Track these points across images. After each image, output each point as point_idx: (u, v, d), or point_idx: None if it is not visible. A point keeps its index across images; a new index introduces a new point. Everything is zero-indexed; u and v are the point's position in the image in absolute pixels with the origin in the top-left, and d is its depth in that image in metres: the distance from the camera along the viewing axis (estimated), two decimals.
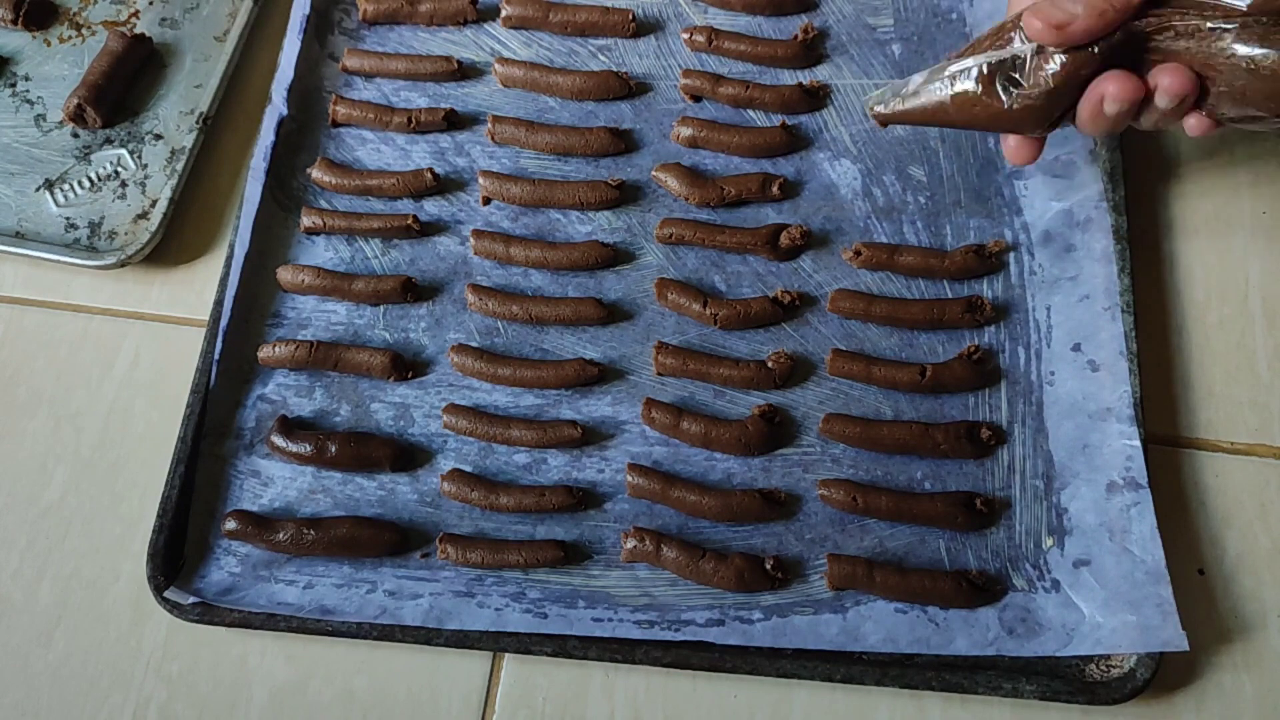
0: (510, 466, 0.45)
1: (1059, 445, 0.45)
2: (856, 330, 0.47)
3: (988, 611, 0.42)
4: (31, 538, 0.46)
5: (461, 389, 0.47)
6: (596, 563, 0.43)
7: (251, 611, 0.42)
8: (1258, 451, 0.46)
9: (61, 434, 0.48)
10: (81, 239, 0.51)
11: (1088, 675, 0.41)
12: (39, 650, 0.44)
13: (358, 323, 0.49)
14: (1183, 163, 0.51)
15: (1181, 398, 0.47)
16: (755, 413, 0.45)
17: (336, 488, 0.45)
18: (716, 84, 0.52)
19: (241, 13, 0.56)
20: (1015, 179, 0.50)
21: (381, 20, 0.55)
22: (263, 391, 0.47)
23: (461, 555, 0.43)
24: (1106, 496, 0.43)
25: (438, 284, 0.49)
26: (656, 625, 0.42)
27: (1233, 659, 0.42)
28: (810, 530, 0.44)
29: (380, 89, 0.54)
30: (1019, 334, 0.47)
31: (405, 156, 0.52)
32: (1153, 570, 0.41)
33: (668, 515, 0.44)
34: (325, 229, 0.50)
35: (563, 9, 0.53)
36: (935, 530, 0.44)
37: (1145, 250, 0.49)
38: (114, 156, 0.53)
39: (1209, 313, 0.48)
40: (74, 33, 0.56)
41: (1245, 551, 0.44)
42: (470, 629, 0.42)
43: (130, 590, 0.45)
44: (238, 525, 0.44)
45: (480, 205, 0.51)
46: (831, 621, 0.42)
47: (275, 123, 0.51)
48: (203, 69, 0.55)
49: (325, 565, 0.44)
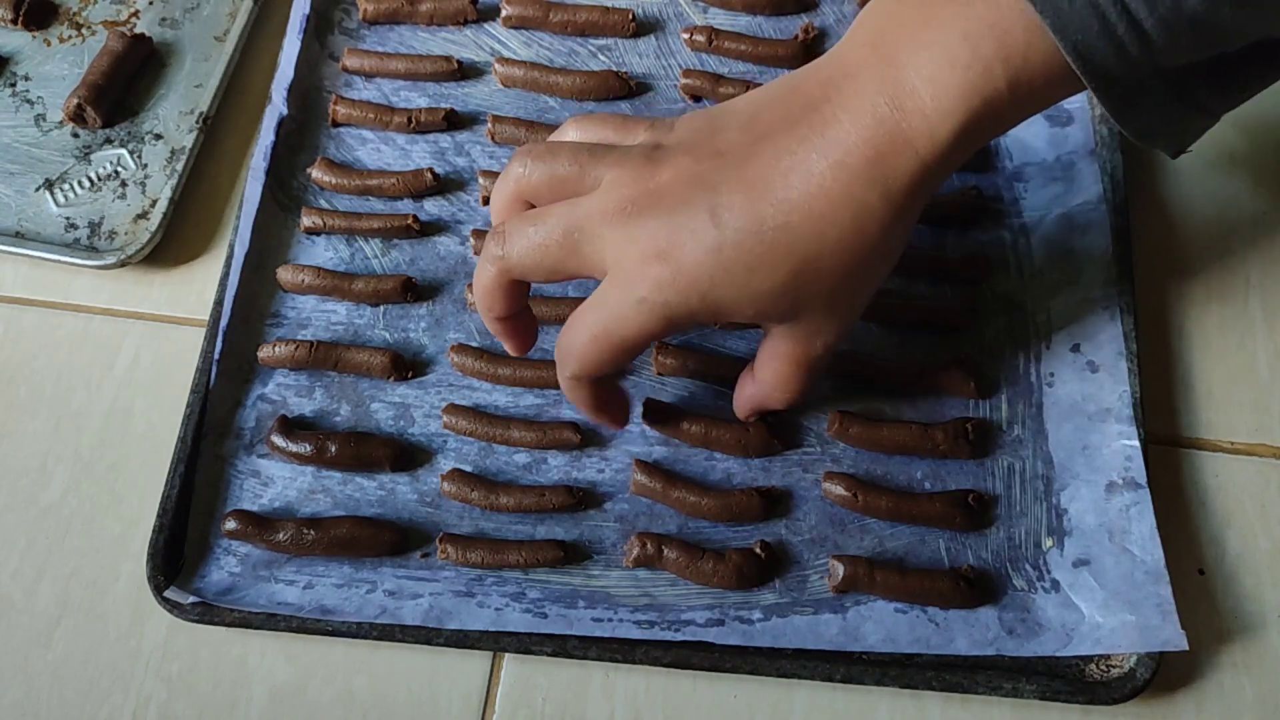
0: (510, 466, 0.46)
1: (1058, 446, 0.45)
2: (856, 330, 0.47)
3: (988, 611, 0.42)
4: (31, 538, 0.46)
5: (461, 389, 0.47)
6: (596, 563, 0.43)
7: (251, 611, 0.42)
8: (1258, 451, 0.46)
9: (61, 434, 0.48)
10: (81, 239, 0.51)
11: (1088, 675, 0.41)
12: (39, 650, 0.44)
13: (358, 323, 0.49)
14: (1183, 164, 0.51)
15: (1181, 398, 0.47)
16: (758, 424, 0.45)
17: (336, 488, 0.45)
18: (716, 84, 0.52)
19: (241, 13, 0.56)
20: (1015, 181, 0.50)
21: (381, 20, 0.55)
22: (263, 391, 0.47)
23: (461, 555, 0.43)
24: (1106, 497, 0.43)
25: (438, 284, 0.49)
26: (656, 625, 0.42)
27: (1233, 659, 0.42)
28: (810, 530, 0.44)
29: (380, 89, 0.54)
30: (1018, 336, 0.47)
31: (405, 156, 0.52)
32: (1152, 570, 0.41)
33: (668, 515, 0.44)
34: (325, 229, 0.50)
35: (563, 9, 0.54)
36: (935, 530, 0.44)
37: (1145, 251, 0.49)
38: (114, 156, 0.53)
39: (1209, 313, 0.48)
40: (74, 33, 0.56)
41: (1245, 551, 0.44)
42: (470, 629, 0.42)
43: (130, 590, 0.45)
44: (238, 525, 0.44)
45: (480, 205, 0.51)
46: (831, 621, 0.42)
47: (275, 123, 0.51)
48: (203, 69, 0.55)
49: (325, 565, 0.44)
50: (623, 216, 0.35)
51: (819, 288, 0.36)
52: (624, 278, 0.36)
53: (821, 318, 0.37)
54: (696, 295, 0.35)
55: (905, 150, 0.34)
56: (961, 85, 0.33)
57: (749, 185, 0.35)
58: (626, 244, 0.35)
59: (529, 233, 0.37)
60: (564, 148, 0.38)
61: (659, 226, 0.35)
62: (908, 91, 0.34)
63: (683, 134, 0.38)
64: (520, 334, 0.42)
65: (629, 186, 0.36)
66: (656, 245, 0.35)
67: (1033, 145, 0.50)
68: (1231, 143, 0.52)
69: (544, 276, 0.38)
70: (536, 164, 0.38)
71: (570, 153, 0.38)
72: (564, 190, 0.38)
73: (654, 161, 0.36)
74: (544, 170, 0.38)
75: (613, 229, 0.36)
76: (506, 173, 0.39)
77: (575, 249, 0.36)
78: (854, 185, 0.34)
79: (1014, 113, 0.34)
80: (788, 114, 0.36)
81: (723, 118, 0.37)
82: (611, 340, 0.37)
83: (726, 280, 0.35)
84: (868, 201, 0.34)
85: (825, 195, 0.34)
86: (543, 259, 0.37)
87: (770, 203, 0.34)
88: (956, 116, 0.33)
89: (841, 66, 0.36)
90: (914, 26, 0.34)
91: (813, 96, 0.35)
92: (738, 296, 0.35)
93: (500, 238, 0.38)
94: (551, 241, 0.37)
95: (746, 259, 0.34)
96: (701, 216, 0.35)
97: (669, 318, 0.36)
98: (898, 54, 0.34)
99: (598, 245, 0.36)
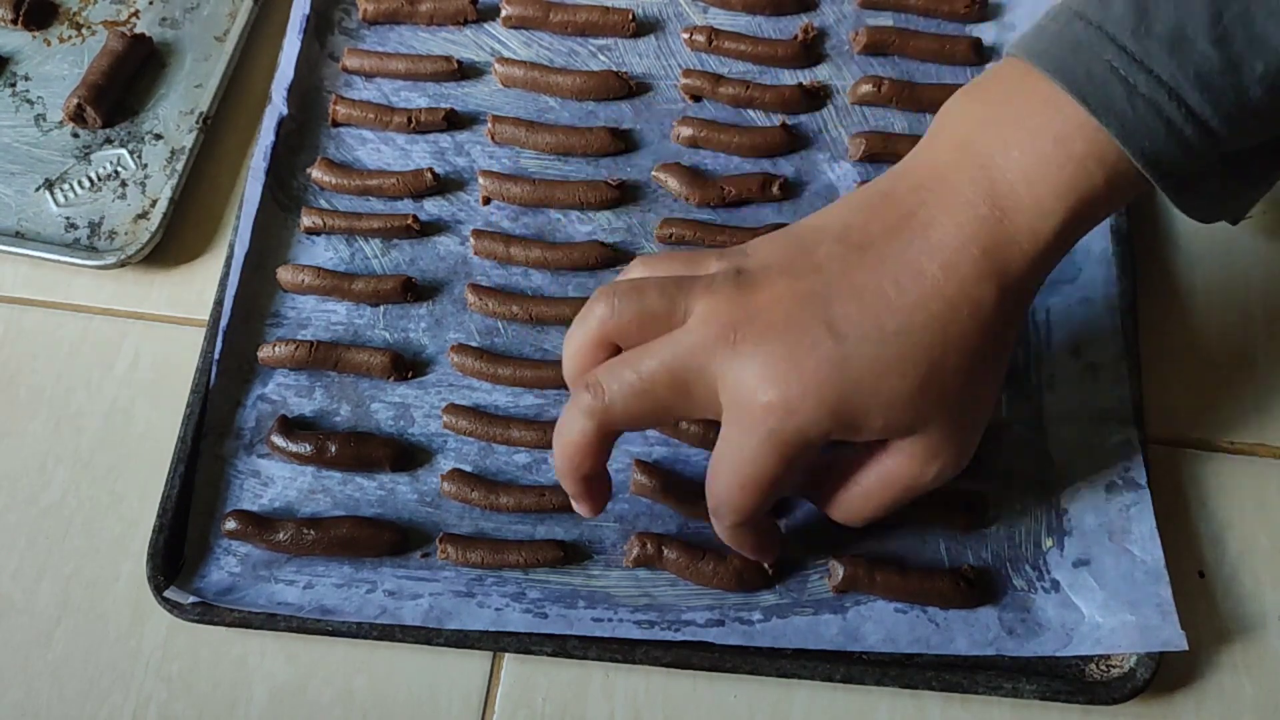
0: (510, 466, 0.46)
1: (1058, 446, 0.45)
2: None
3: (988, 611, 0.42)
4: (31, 538, 0.46)
5: (461, 389, 0.47)
6: (596, 563, 0.43)
7: (251, 611, 0.42)
8: (1258, 451, 0.46)
9: (61, 434, 0.48)
10: (81, 239, 0.51)
11: (1088, 675, 0.41)
12: (39, 650, 0.44)
13: (358, 323, 0.49)
14: None
15: (1181, 398, 0.47)
16: None
17: (336, 488, 0.45)
18: (716, 84, 0.52)
19: (241, 13, 0.56)
20: None
21: (381, 20, 0.55)
22: (263, 391, 0.47)
23: (461, 555, 0.43)
24: (1106, 497, 0.43)
25: (438, 284, 0.49)
26: (656, 625, 0.42)
27: (1233, 659, 0.42)
28: (810, 530, 0.44)
29: (380, 89, 0.54)
30: (1018, 336, 0.47)
31: (405, 156, 0.52)
32: (1152, 570, 0.41)
33: (668, 515, 0.44)
34: (325, 229, 0.50)
35: (563, 9, 0.53)
36: (935, 530, 0.44)
37: (1145, 251, 0.49)
38: (114, 156, 0.53)
39: (1209, 314, 0.48)
40: (74, 32, 0.56)
41: (1245, 552, 0.44)
42: (470, 629, 0.42)
43: (130, 590, 0.45)
44: (238, 525, 0.44)
45: (480, 205, 0.51)
46: (831, 621, 0.42)
47: (275, 123, 0.51)
48: (203, 69, 0.55)
49: (325, 565, 0.44)
50: (729, 346, 0.34)
51: (945, 393, 0.34)
52: (746, 415, 0.34)
53: (944, 435, 0.35)
54: (826, 412, 0.33)
55: (1010, 247, 0.33)
56: (1058, 185, 0.33)
57: (860, 294, 0.34)
58: (741, 374, 0.34)
59: (628, 378, 0.35)
60: (650, 283, 0.36)
61: (773, 349, 0.33)
62: (1005, 192, 0.33)
63: (767, 255, 0.36)
64: (602, 492, 0.39)
65: (726, 314, 0.34)
66: (775, 370, 0.33)
67: None
68: None
69: (649, 423, 0.36)
70: (625, 302, 0.36)
71: (658, 287, 0.36)
72: (654, 328, 0.35)
73: (747, 284, 0.35)
74: (634, 308, 0.35)
75: (722, 361, 0.34)
76: (587, 315, 0.37)
77: (685, 389, 0.34)
78: (966, 283, 0.33)
79: (1108, 207, 0.34)
80: (884, 221, 0.35)
81: (811, 235, 0.36)
82: (760, 484, 0.35)
83: (856, 392, 0.33)
84: (983, 296, 0.34)
85: (941, 296, 0.33)
86: (650, 405, 0.35)
87: (887, 309, 0.33)
88: (1058, 215, 0.33)
89: (933, 170, 0.35)
90: (1003, 127, 0.34)
91: (907, 202, 0.35)
92: (869, 407, 0.34)
93: (596, 389, 0.35)
94: (658, 384, 0.34)
95: (873, 367, 0.33)
96: (818, 331, 0.33)
97: (804, 442, 0.34)
98: (991, 155, 0.34)
99: (708, 381, 0.34)
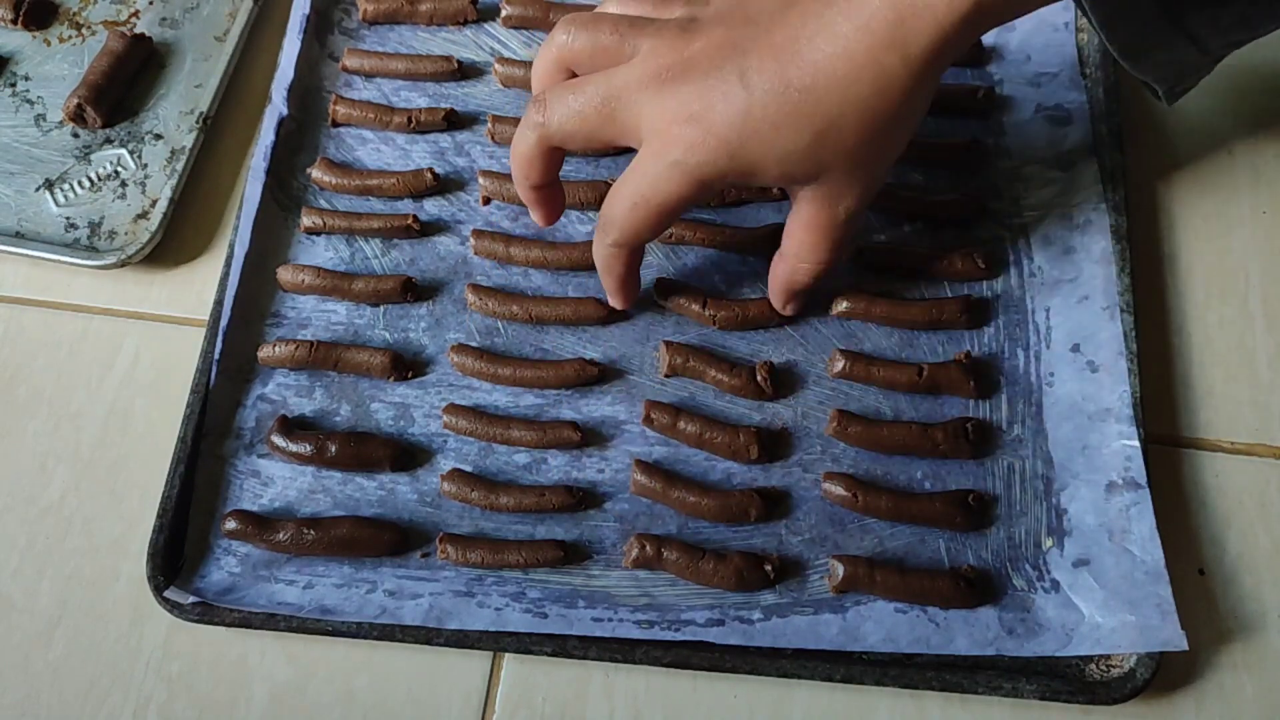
0: (510, 466, 0.46)
1: (1058, 446, 0.45)
2: (857, 330, 0.47)
3: (988, 611, 0.42)
4: (31, 538, 0.46)
5: (461, 389, 0.47)
6: (596, 563, 0.43)
7: (251, 611, 0.42)
8: (1258, 451, 0.46)
9: (61, 434, 0.48)
10: (81, 239, 0.51)
11: (1088, 675, 0.41)
12: (39, 650, 0.44)
13: (358, 323, 0.49)
14: (1183, 163, 0.51)
15: (1181, 398, 0.47)
16: (751, 431, 0.45)
17: (336, 488, 0.45)
18: None
19: (241, 13, 0.56)
20: (1015, 180, 0.50)
21: (381, 20, 0.55)
22: (263, 391, 0.47)
23: (461, 555, 0.43)
24: (1106, 497, 0.43)
25: (438, 284, 0.49)
26: (656, 625, 0.42)
27: (1233, 659, 0.42)
28: (810, 530, 0.44)
29: (380, 89, 0.54)
30: (1018, 335, 0.47)
31: (405, 156, 0.52)
32: (1152, 570, 0.41)
33: (668, 515, 0.44)
34: (325, 229, 0.50)
35: (562, 9, 0.53)
36: (935, 530, 0.44)
37: (1145, 250, 0.49)
38: (114, 156, 0.53)
39: (1209, 313, 0.48)
40: (74, 33, 0.56)
41: (1245, 551, 0.44)
42: (470, 629, 0.42)
43: (130, 590, 0.45)
44: (238, 525, 0.44)
45: (480, 205, 0.51)
46: (831, 621, 0.42)
47: (275, 123, 0.51)
48: (203, 69, 0.55)
49: (325, 565, 0.44)
50: (657, 84, 0.38)
51: (841, 148, 0.37)
52: (658, 143, 0.38)
53: (844, 180, 0.39)
54: (726, 154, 0.37)
55: (925, 15, 0.35)
56: None
57: (777, 49, 0.37)
58: (660, 110, 0.38)
59: (569, 100, 0.39)
60: (606, 18, 0.40)
61: (691, 92, 0.37)
62: None
63: (718, 4, 0.39)
64: (551, 204, 0.44)
65: (664, 55, 0.38)
66: (689, 109, 0.37)
67: (1032, 145, 0.50)
68: (1231, 140, 0.52)
69: (581, 143, 0.40)
70: (580, 32, 0.40)
71: (612, 23, 0.40)
72: (604, 59, 0.39)
73: (689, 32, 0.38)
74: (587, 38, 0.40)
75: (648, 96, 0.38)
76: (550, 40, 0.41)
77: (612, 116, 0.38)
78: (876, 49, 0.35)
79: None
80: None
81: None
82: (650, 206, 0.39)
83: (755, 140, 0.37)
84: (889, 65, 0.36)
85: (848, 58, 0.36)
86: (581, 126, 0.39)
87: (796, 65, 0.36)
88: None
89: None
90: None
91: None
92: (765, 155, 0.37)
93: (541, 105, 0.40)
94: (590, 109, 0.39)
95: (773, 118, 0.36)
96: (731, 80, 0.37)
97: (702, 179, 0.38)
98: None
99: (633, 112, 0.38)
